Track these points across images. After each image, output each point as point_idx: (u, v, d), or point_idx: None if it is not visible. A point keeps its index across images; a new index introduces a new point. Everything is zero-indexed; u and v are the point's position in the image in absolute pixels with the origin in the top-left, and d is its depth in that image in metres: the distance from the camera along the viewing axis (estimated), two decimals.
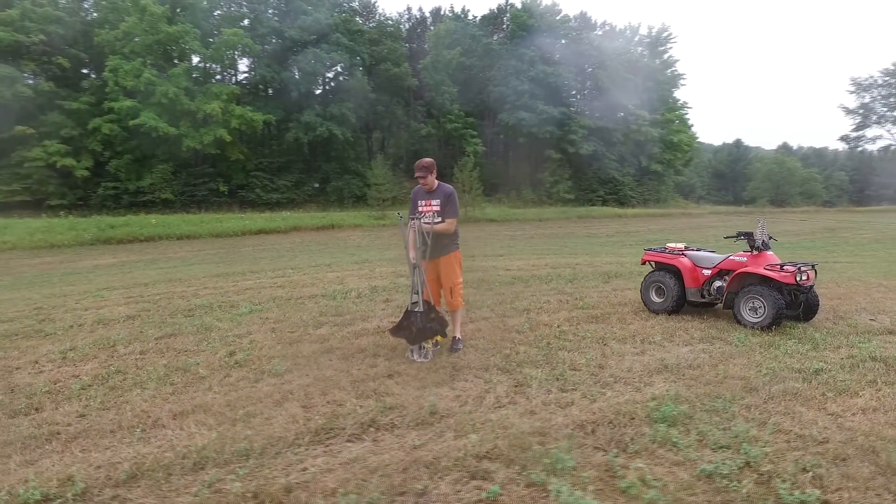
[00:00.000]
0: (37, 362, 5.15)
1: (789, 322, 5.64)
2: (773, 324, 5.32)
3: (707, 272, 6.09)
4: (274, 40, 34.02)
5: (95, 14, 33.13)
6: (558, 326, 5.70)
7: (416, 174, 4.83)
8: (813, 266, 5.63)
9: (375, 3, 43.56)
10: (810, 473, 2.68)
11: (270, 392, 3.97)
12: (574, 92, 44.35)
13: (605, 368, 4.30)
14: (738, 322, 5.59)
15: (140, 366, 4.80)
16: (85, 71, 34.03)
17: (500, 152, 44.99)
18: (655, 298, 6.37)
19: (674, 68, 45.10)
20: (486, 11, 44.71)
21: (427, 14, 48.63)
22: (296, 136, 33.24)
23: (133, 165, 30.68)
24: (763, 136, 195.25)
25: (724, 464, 2.75)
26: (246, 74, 36.82)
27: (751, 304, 5.50)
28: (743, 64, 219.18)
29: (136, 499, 2.62)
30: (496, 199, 39.14)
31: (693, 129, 47.62)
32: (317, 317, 6.60)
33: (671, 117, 42.47)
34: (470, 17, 43.60)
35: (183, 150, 30.56)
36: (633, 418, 3.33)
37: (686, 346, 4.92)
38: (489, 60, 38.85)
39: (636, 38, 45.82)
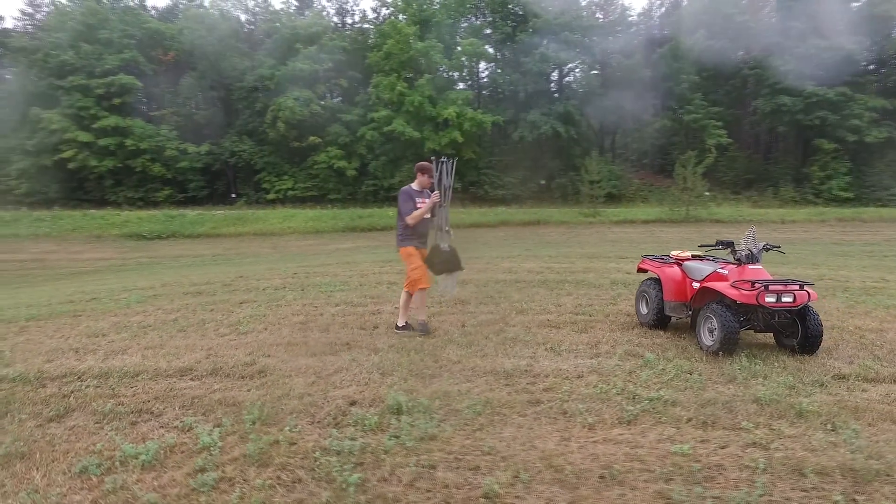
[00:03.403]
0: (160, 309, 7.59)
1: (780, 352, 4.66)
2: (723, 349, 4.57)
3: (697, 285, 5.36)
4: (508, 44, 36.04)
5: (371, 40, 39.97)
6: (511, 326, 5.83)
7: (431, 176, 5.60)
8: (802, 286, 4.55)
9: None
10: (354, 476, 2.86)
11: (215, 343, 5.38)
12: (870, 65, 35.68)
13: (457, 363, 4.54)
14: (698, 344, 4.90)
15: (190, 318, 6.75)
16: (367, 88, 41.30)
17: (756, 144, 39.01)
18: (643, 310, 5.85)
19: None
20: None
21: None
22: (521, 134, 34.79)
23: (388, 166, 36.31)
24: None
25: (350, 442, 3.09)
26: (485, 79, 39.86)
27: (709, 325, 4.78)
28: None
29: (47, 387, 4.27)
30: (745, 198, 34.39)
31: None
32: (355, 298, 7.84)
33: None
34: None
35: (425, 152, 34.88)
36: (380, 402, 3.72)
37: (593, 358, 4.67)
38: (744, 41, 34.08)
39: None
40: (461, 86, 39.66)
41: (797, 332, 4.75)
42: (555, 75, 39.57)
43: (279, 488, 2.70)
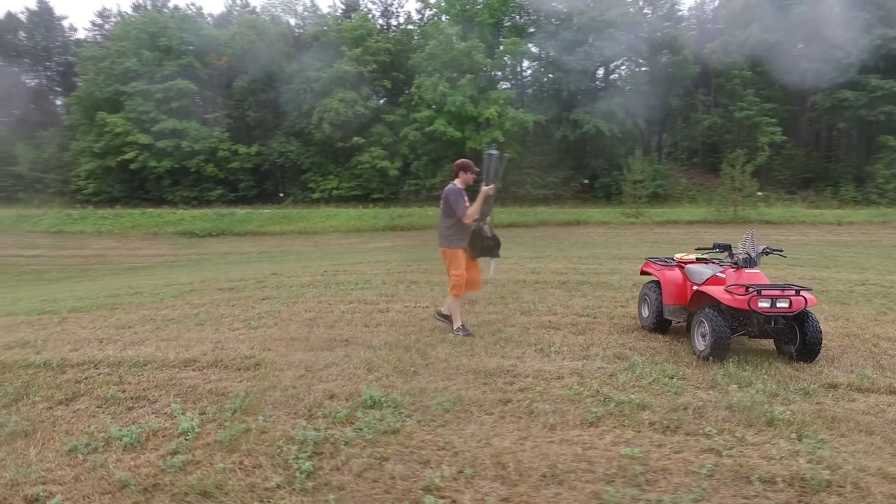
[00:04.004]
0: (188, 304, 8.04)
1: (777, 359, 4.54)
2: (713, 354, 4.50)
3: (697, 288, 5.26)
4: (551, 42, 35.68)
5: (416, 40, 40.42)
6: (509, 327, 5.89)
7: (474, 172, 5.60)
8: (798, 291, 4.41)
9: None
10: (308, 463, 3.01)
11: (224, 337, 5.70)
12: None
13: (443, 361, 4.66)
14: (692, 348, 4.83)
15: (212, 312, 7.13)
16: (410, 89, 41.88)
17: (816, 141, 37.06)
18: (644, 313, 5.80)
19: None
20: None
21: None
22: (563, 133, 34.37)
23: (429, 166, 36.65)
24: None
25: (314, 433, 3.27)
26: (527, 78, 39.61)
27: (702, 329, 4.70)
28: None
29: (66, 373, 4.65)
30: (801, 198, 32.78)
31: None
32: (370, 296, 8.05)
33: None
34: None
35: (466, 151, 35.02)
36: (356, 397, 3.89)
37: (579, 360, 4.68)
38: (800, 34, 32.47)
39: None
40: (504, 85, 39.59)
41: (795, 338, 4.61)
42: (600, 72, 38.92)
43: (238, 472, 2.90)
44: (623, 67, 36.63)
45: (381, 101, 41.35)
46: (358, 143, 36.87)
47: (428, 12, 41.09)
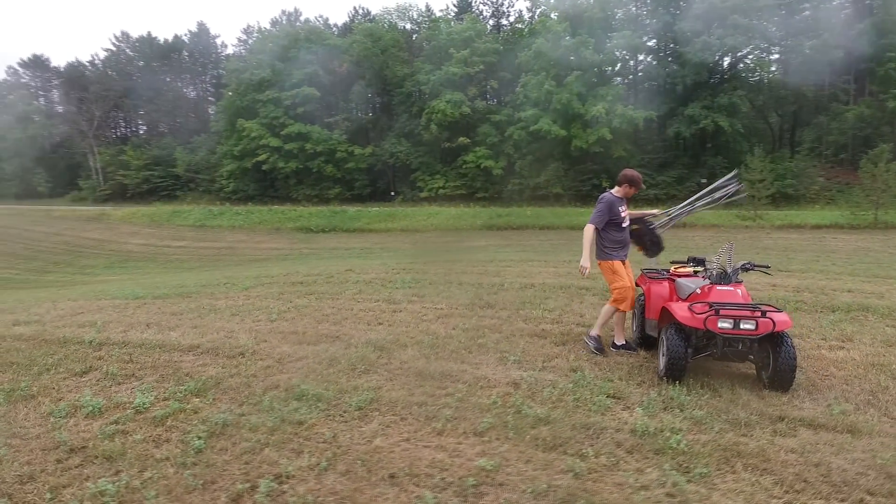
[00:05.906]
0: (245, 296, 8.99)
1: (742, 385, 4.19)
2: (668, 375, 4.26)
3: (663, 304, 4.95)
4: (667, 34, 33.56)
5: (525, 38, 40.15)
6: (495, 333, 5.92)
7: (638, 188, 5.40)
8: (764, 313, 4.02)
9: None
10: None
11: (239, 327, 6.40)
12: None
13: (402, 363, 4.88)
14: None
15: (256, 304, 7.94)
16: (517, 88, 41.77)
17: None
18: (633, 327, 5.53)
19: None
20: None
21: None
22: (677, 130, 32.20)
23: (534, 165, 36.32)
24: None
25: (225, 416, 3.69)
26: (640, 73, 37.56)
27: (663, 348, 4.46)
28: None
29: (101, 350, 5.58)
30: None
31: None
32: (399, 296, 8.43)
33: None
34: None
35: (572, 150, 34.25)
36: (294, 389, 4.28)
37: (530, 370, 4.67)
38: None
39: None
40: (616, 80, 37.99)
41: (769, 364, 4.21)
42: (726, 61, 35.82)
43: (147, 443, 3.41)
44: (750, 57, 33.34)
45: (493, 102, 41.74)
46: (463, 142, 37.63)
47: (538, 10, 40.64)
